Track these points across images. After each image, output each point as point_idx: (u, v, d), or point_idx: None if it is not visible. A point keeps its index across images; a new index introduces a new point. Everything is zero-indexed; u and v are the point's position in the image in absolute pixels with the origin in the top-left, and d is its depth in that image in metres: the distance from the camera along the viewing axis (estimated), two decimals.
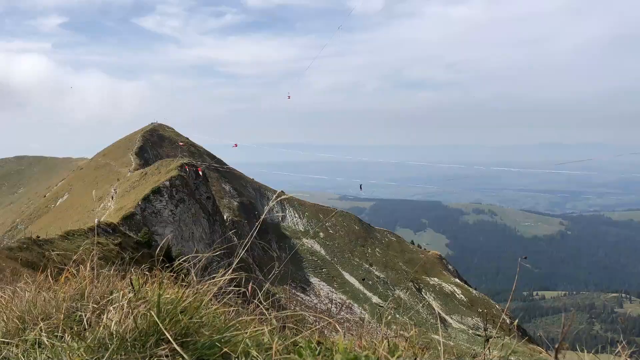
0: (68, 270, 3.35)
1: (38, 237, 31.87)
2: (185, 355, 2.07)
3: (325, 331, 2.59)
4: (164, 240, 38.60)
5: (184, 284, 2.57)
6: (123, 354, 2.11)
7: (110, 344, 2.12)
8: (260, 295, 2.71)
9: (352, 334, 2.71)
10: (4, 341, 2.41)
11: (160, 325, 2.12)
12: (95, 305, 2.52)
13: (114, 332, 2.14)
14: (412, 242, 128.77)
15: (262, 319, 2.55)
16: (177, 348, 2.07)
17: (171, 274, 2.87)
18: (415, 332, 2.75)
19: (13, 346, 2.37)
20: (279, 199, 2.73)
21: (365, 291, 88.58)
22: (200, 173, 72.01)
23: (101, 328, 2.21)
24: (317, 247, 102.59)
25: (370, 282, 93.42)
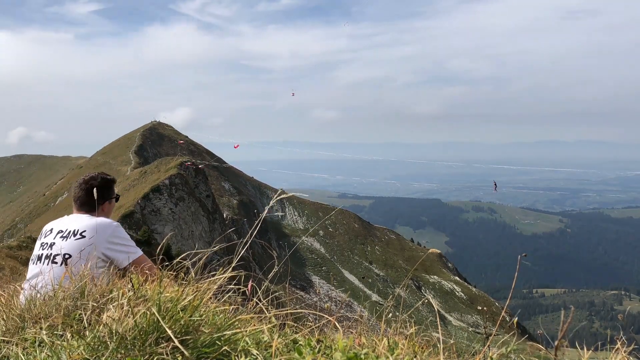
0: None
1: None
2: (186, 352, 2.07)
3: (325, 329, 2.60)
4: (164, 239, 38.59)
5: (184, 282, 2.57)
6: (123, 352, 2.11)
7: (110, 342, 2.12)
8: (259, 293, 2.71)
9: (352, 332, 2.71)
10: (4, 339, 2.41)
11: (162, 322, 2.12)
12: (95, 304, 2.52)
13: (114, 331, 2.14)
14: (412, 240, 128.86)
15: (261, 317, 2.55)
16: (179, 345, 2.07)
17: (171, 272, 2.87)
18: (414, 329, 2.76)
19: (13, 344, 2.37)
20: (279, 198, 2.73)
21: (365, 289, 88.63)
22: (201, 167, 73.23)
23: (101, 326, 2.22)
24: (316, 245, 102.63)
25: (370, 280, 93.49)
